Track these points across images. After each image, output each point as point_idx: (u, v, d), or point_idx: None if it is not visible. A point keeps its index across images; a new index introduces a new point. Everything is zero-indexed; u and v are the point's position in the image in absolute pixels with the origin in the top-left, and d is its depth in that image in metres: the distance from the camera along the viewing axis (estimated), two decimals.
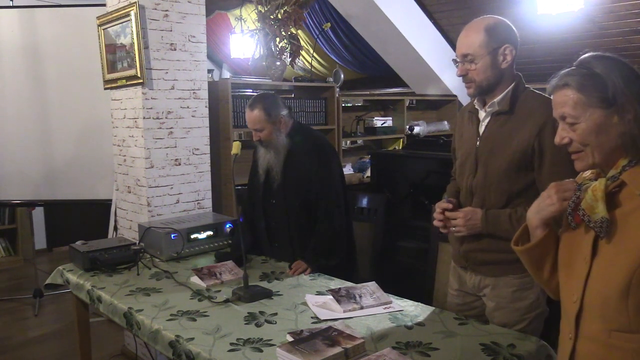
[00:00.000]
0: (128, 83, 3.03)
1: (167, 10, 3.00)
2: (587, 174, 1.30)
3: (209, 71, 6.82)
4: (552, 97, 1.26)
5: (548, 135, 1.74)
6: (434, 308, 1.98)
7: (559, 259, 1.34)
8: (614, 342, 1.17)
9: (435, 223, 1.92)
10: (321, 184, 2.49)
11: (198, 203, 3.23)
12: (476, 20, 1.83)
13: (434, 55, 4.81)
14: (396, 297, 2.05)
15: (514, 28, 1.82)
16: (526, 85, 1.86)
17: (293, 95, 4.29)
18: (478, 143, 1.88)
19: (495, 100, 1.83)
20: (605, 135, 1.19)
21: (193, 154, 3.19)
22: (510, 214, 1.79)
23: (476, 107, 1.91)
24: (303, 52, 4.87)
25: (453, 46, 4.77)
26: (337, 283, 2.25)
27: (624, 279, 1.13)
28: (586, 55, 1.22)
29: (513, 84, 1.83)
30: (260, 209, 2.66)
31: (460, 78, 1.86)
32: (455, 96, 5.17)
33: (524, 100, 1.82)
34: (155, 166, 3.03)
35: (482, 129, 1.89)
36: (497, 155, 1.83)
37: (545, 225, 1.32)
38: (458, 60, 1.84)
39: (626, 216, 1.15)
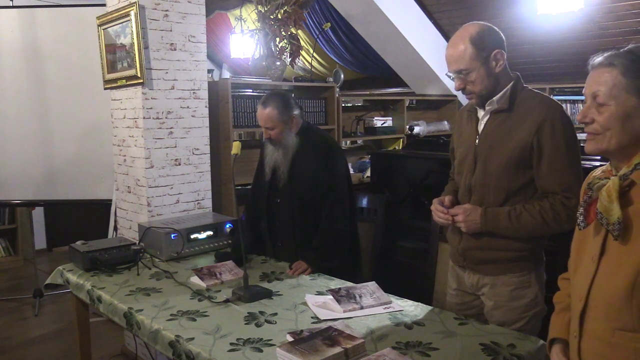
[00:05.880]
0: (128, 83, 3.03)
1: (167, 10, 3.00)
2: (598, 173, 1.29)
3: (209, 71, 6.83)
4: (590, 74, 1.24)
5: (546, 133, 1.75)
6: (433, 308, 1.98)
7: (570, 258, 1.34)
8: (617, 341, 1.17)
9: (440, 220, 1.92)
10: (326, 184, 2.48)
11: (198, 203, 3.24)
12: (459, 34, 1.81)
13: (434, 55, 4.81)
14: (396, 297, 2.05)
15: (496, 30, 1.82)
16: (525, 85, 1.87)
17: (293, 95, 4.29)
18: (477, 141, 1.89)
19: (494, 98, 1.84)
20: (630, 125, 1.18)
21: (193, 154, 3.19)
22: (509, 212, 1.80)
23: (475, 106, 1.92)
24: (303, 52, 4.86)
25: None
26: (337, 283, 2.25)
27: (630, 277, 1.13)
28: (637, 45, 1.21)
29: (511, 83, 1.83)
30: (263, 208, 2.66)
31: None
32: (455, 96, 5.17)
33: (522, 98, 1.83)
34: (155, 166, 3.03)
35: (481, 127, 1.90)
36: (495, 153, 1.83)
37: None
38: (452, 75, 1.84)
39: (637, 215, 1.15)
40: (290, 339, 1.68)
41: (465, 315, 1.93)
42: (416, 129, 4.58)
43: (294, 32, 3.91)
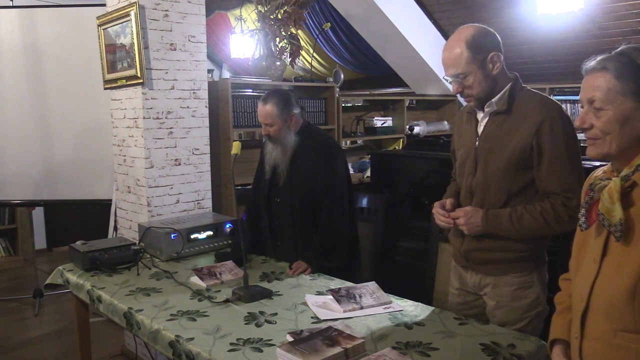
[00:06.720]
0: (128, 83, 3.03)
1: (167, 10, 3.00)
2: (599, 173, 1.29)
3: (209, 71, 6.82)
4: (584, 79, 1.23)
5: (546, 133, 1.74)
6: (434, 308, 1.98)
7: (571, 259, 1.34)
8: (619, 342, 1.17)
9: (441, 224, 1.92)
10: (326, 184, 2.48)
11: (198, 203, 3.23)
12: (454, 38, 1.81)
13: (434, 55, 4.80)
14: (396, 297, 2.05)
15: (492, 31, 1.82)
16: (523, 85, 1.87)
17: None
18: (477, 143, 1.89)
19: (493, 100, 1.84)
20: (629, 128, 1.17)
21: (193, 154, 3.19)
22: (510, 213, 1.79)
23: (474, 108, 1.92)
24: (303, 52, 4.87)
25: None
26: (337, 283, 2.25)
27: (632, 279, 1.12)
28: (628, 46, 1.20)
29: (510, 84, 1.83)
30: (263, 207, 2.66)
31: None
32: (456, 96, 5.17)
33: (521, 99, 1.82)
34: (155, 166, 3.03)
35: (480, 128, 1.90)
36: (496, 155, 1.83)
37: None
38: (449, 79, 1.84)
39: (639, 216, 1.15)
40: (290, 339, 1.68)
41: (467, 315, 1.93)
42: (416, 129, 4.58)
43: (294, 32, 3.90)
